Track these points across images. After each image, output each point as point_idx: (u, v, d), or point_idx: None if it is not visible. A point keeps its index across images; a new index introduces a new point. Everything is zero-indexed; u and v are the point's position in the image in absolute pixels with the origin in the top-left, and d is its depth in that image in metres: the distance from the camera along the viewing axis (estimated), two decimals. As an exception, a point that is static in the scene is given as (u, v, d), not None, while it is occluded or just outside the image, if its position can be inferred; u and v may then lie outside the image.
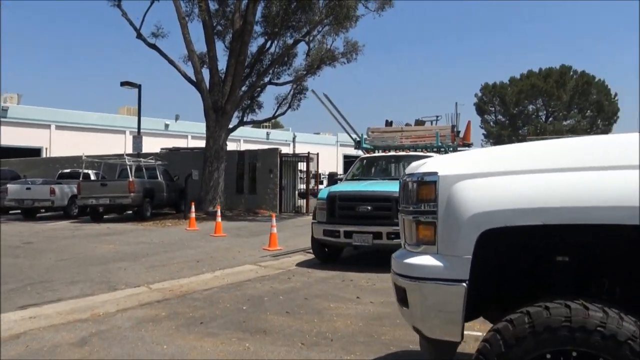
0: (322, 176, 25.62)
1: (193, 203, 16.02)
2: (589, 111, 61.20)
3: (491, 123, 63.28)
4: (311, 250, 10.65)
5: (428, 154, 10.44)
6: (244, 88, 22.13)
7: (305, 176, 22.95)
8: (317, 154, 22.34)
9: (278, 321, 5.55)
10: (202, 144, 28.71)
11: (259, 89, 23.37)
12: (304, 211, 21.65)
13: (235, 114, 22.56)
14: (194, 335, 5.08)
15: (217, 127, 20.19)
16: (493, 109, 63.90)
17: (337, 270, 8.55)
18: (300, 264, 9.37)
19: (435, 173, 2.61)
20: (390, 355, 4.47)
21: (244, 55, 20.55)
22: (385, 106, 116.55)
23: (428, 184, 2.63)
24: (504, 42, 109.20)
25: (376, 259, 9.83)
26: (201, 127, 44.07)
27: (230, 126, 21.46)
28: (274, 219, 11.27)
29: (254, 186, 22.09)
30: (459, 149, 12.04)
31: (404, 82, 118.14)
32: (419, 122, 11.72)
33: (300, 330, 5.20)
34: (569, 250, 2.67)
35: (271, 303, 6.39)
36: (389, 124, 12.11)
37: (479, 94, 63.39)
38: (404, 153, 10.51)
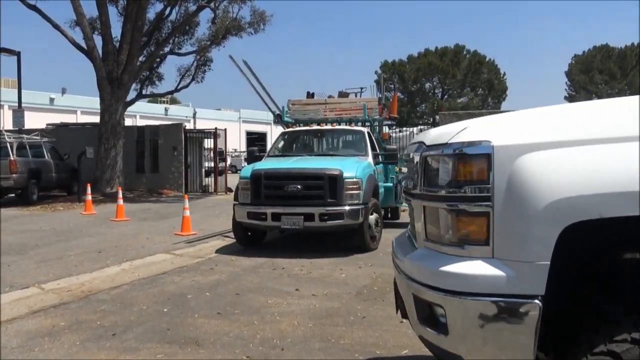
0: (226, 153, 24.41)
1: (89, 184, 14.28)
2: (480, 89, 64.31)
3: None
4: (230, 234, 9.76)
5: (356, 127, 9.80)
6: (142, 58, 20.26)
7: (211, 154, 21.63)
8: (225, 130, 21.06)
9: (210, 326, 4.63)
10: (93, 119, 26.31)
11: (158, 59, 21.53)
12: (212, 190, 20.38)
13: (133, 86, 20.69)
14: (107, 353, 4.04)
15: (113, 100, 18.28)
16: (392, 86, 65.12)
17: (265, 257, 7.70)
18: (221, 251, 8.40)
19: (488, 142, 1.84)
20: (359, 366, 3.74)
21: (142, 20, 18.68)
22: (302, 80, 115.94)
23: (476, 158, 1.85)
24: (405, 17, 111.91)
25: (304, 242, 9.09)
26: (92, 101, 40.71)
27: (128, 99, 19.57)
28: (186, 200, 10.13)
29: (156, 164, 20.43)
30: (385, 122, 11.56)
31: (321, 55, 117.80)
32: (343, 94, 11.03)
33: (241, 337, 4.32)
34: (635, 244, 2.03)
35: (197, 302, 5.42)
36: (310, 96, 11.29)
37: (379, 71, 64.27)
38: (329, 127, 9.76)
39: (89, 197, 13.71)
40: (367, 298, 5.46)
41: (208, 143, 21.60)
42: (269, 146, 62.61)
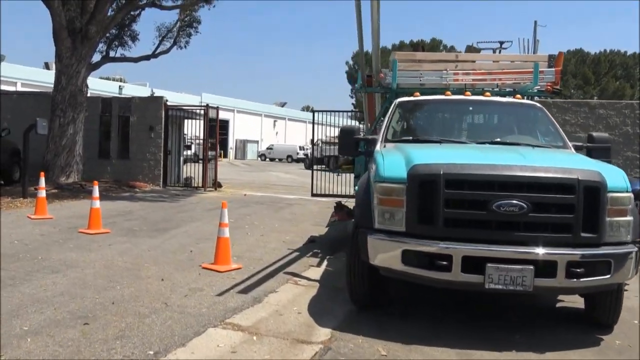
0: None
1: (42, 173, 9.67)
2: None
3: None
4: (295, 270, 5.83)
5: (528, 101, 5.86)
6: (110, 12, 15.59)
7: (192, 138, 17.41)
8: (217, 108, 16.70)
9: None
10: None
11: (133, 12, 16.84)
12: (199, 185, 15.91)
13: (99, 47, 15.98)
14: None
15: (75, 59, 13.60)
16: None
17: (438, 344, 3.70)
18: (323, 318, 4.30)
19: None
20: None
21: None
22: (260, 72, 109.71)
23: None
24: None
25: (462, 297, 5.07)
26: (37, 73, 35.04)
27: (93, 61, 14.91)
28: (225, 211, 5.88)
29: (126, 149, 15.82)
30: (549, 96, 7.66)
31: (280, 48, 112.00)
32: (472, 50, 7.17)
33: None
34: None
35: None
36: (418, 47, 7.30)
37: (350, 63, 60.62)
38: (484, 97, 5.70)
39: (42, 193, 9.12)
40: None
41: (189, 125, 17.32)
42: (231, 136, 57.01)
